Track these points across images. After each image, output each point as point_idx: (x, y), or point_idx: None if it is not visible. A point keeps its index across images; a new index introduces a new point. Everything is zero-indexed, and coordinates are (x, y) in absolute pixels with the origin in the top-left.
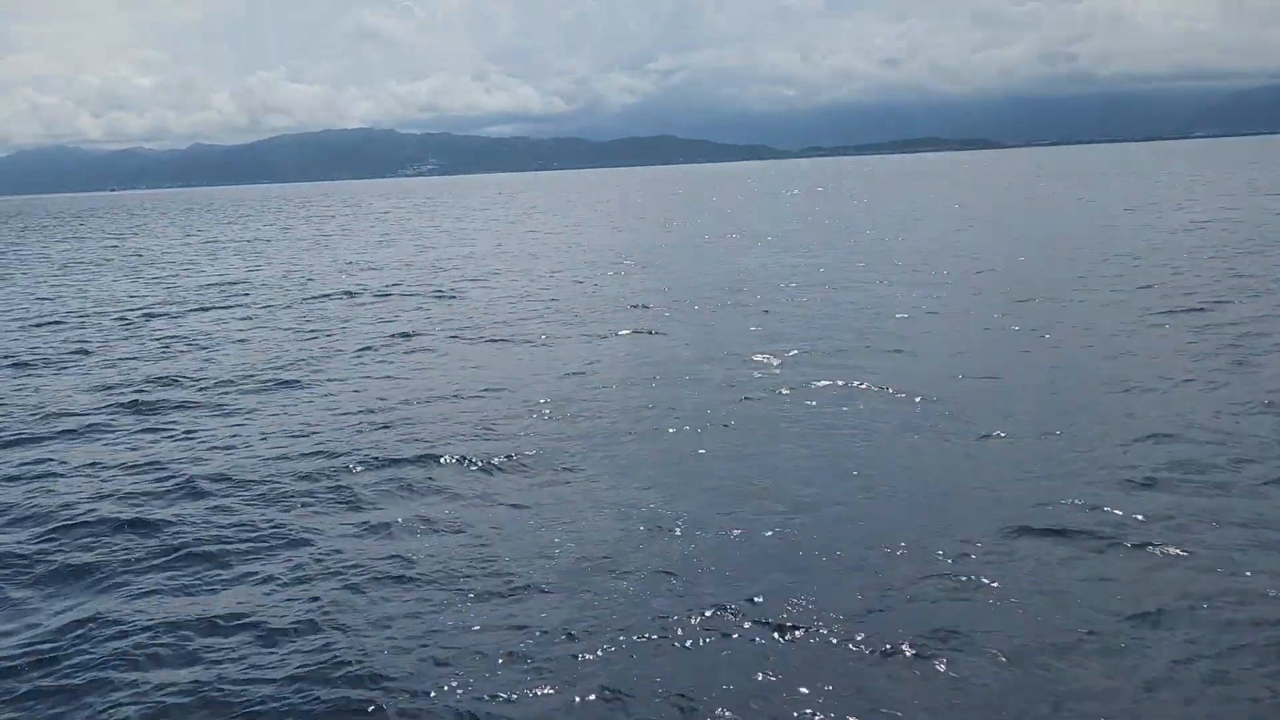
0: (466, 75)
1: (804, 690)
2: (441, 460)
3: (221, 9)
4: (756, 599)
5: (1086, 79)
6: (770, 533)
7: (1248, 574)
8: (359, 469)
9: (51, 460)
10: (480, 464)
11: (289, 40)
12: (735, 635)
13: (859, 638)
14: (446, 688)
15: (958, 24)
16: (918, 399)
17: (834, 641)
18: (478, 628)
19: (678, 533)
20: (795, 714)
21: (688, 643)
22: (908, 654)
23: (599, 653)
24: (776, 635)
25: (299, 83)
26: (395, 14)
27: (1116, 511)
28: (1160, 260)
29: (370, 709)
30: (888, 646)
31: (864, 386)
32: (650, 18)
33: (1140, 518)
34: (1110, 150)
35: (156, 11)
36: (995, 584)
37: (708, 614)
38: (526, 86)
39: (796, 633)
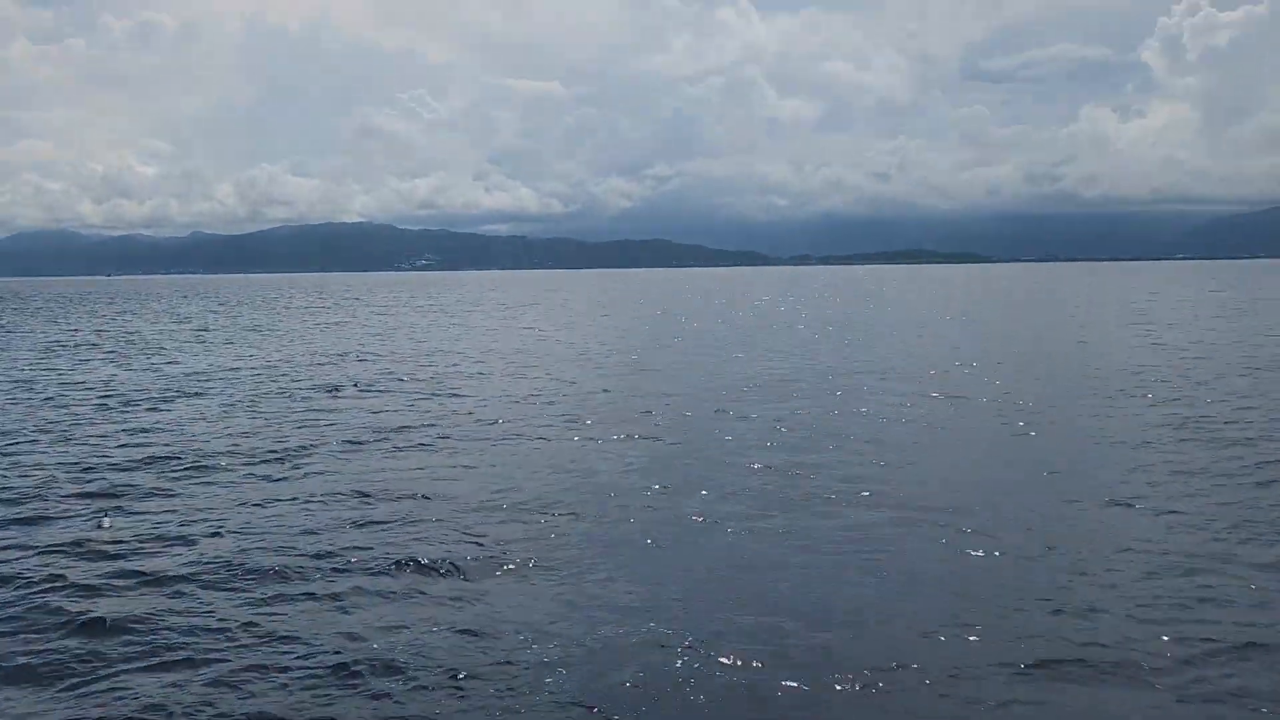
0: (467, 174)
1: None
2: (425, 562)
3: (230, 104)
4: None
5: (1070, 200)
6: (782, 658)
7: None
8: (338, 568)
9: (9, 548)
10: (467, 569)
11: (294, 135)
12: None
13: None
14: None
15: (947, 143)
16: (936, 519)
17: None
18: None
19: (678, 661)
20: None
21: None
22: None
23: None
24: None
25: (301, 176)
26: (400, 114)
27: (1148, 650)
28: (1165, 376)
29: None
30: None
31: (879, 505)
32: (648, 127)
33: (1171, 658)
34: (1097, 268)
35: (166, 104)
36: None
37: None
38: (525, 188)
39: None
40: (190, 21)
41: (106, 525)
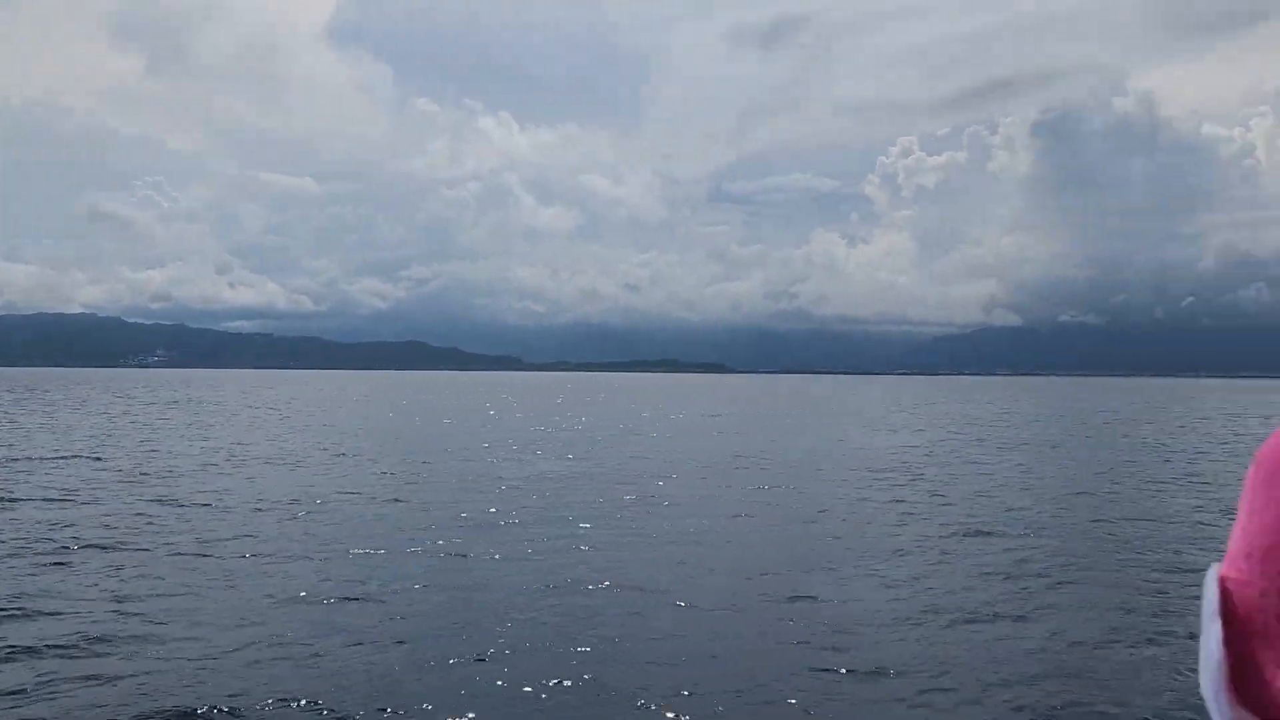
0: (208, 267)
1: None
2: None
3: None
4: None
5: (805, 316)
6: None
7: None
8: None
9: None
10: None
11: (8, 218)
12: None
13: None
14: None
15: (695, 258)
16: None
17: None
18: None
19: None
20: None
21: None
22: None
23: None
24: None
25: (15, 261)
26: (135, 201)
27: None
28: (944, 486)
29: None
30: None
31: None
32: (405, 228)
33: None
34: (833, 380)
35: None
36: None
37: None
38: (272, 283)
39: None
40: None
41: None
